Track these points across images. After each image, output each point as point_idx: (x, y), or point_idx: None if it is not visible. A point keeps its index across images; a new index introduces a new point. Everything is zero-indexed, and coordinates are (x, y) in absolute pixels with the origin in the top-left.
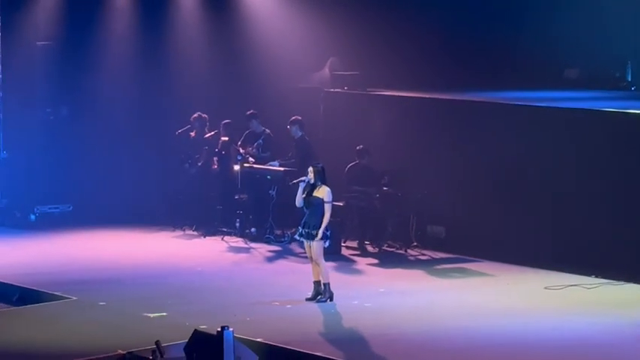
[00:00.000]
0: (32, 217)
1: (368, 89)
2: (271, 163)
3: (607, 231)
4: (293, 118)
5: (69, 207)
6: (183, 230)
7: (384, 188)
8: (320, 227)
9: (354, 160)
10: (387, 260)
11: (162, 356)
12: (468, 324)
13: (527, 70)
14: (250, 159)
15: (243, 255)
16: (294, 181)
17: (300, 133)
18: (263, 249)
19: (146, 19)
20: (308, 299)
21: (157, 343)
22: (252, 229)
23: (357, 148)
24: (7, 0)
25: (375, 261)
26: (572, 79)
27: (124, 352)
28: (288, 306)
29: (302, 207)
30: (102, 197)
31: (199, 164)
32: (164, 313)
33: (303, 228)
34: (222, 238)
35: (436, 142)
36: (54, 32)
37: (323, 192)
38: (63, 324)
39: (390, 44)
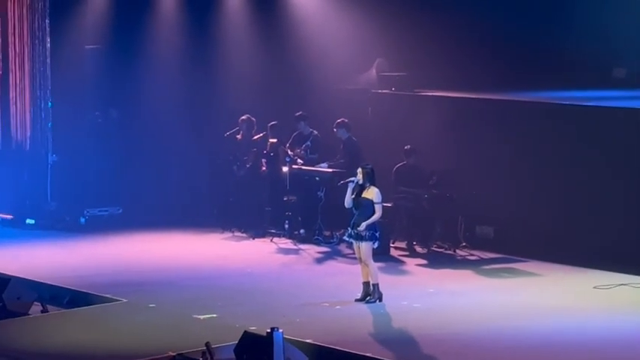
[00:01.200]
0: (82, 220)
1: (415, 90)
2: (320, 165)
3: None
4: (339, 120)
5: (118, 210)
6: (232, 232)
7: (433, 190)
8: (370, 229)
9: (402, 160)
10: (435, 261)
11: (212, 358)
12: (516, 324)
13: (575, 69)
14: (299, 160)
15: (292, 256)
16: (343, 182)
17: (347, 135)
18: (312, 250)
19: (193, 21)
20: (357, 300)
21: (207, 344)
22: (301, 231)
23: (405, 148)
24: (55, 4)
25: (424, 261)
26: (621, 78)
27: (174, 354)
28: (338, 307)
29: (351, 208)
30: (151, 200)
31: (248, 166)
32: (214, 315)
33: (352, 229)
34: (271, 240)
35: (484, 142)
36: (102, 36)
37: (372, 193)
38: (113, 326)
39: (438, 44)
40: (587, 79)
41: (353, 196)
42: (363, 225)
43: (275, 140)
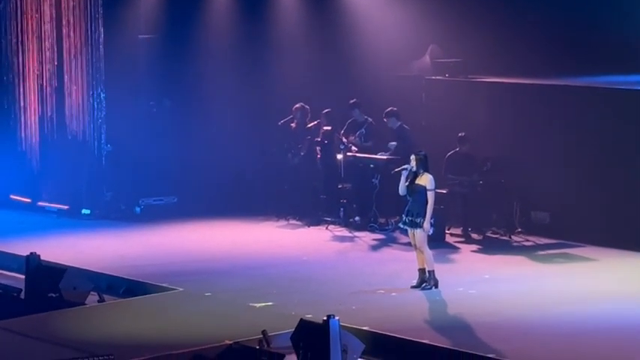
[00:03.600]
0: (137, 209)
1: (469, 76)
2: (381, 154)
3: None
4: (388, 109)
5: (174, 199)
6: (288, 220)
7: (487, 176)
8: (424, 216)
9: (455, 147)
10: (491, 247)
11: (268, 346)
12: (573, 310)
13: (633, 53)
14: (353, 148)
15: (347, 244)
16: (397, 169)
17: (398, 124)
18: (367, 237)
19: (246, 10)
20: (413, 287)
21: (264, 332)
22: (356, 218)
23: (459, 135)
24: None
25: (479, 248)
26: None
27: (231, 342)
28: (394, 294)
29: (405, 195)
30: (206, 188)
31: (302, 154)
32: (270, 303)
33: (406, 216)
34: (327, 228)
35: (538, 127)
36: (155, 25)
37: (426, 180)
38: (170, 315)
39: (491, 30)
40: None
41: (407, 183)
42: (427, 225)
43: (329, 128)
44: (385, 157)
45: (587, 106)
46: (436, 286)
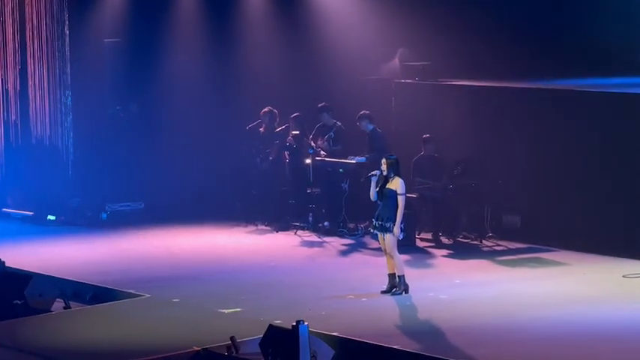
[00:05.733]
0: (104, 215)
1: (439, 79)
2: (358, 159)
3: None
4: (361, 112)
5: (140, 205)
6: (256, 225)
7: (458, 180)
8: (394, 220)
9: (421, 151)
10: (462, 251)
11: (237, 352)
12: (544, 314)
13: (599, 56)
14: (322, 152)
15: (316, 249)
16: (365, 177)
17: (371, 127)
18: (336, 242)
19: (213, 13)
20: (383, 292)
21: (232, 338)
22: (326, 223)
23: (423, 137)
24: None
25: (450, 252)
26: None
27: (199, 349)
28: (364, 299)
29: (376, 200)
30: (173, 194)
31: (270, 159)
32: (238, 309)
33: (376, 220)
34: (295, 233)
35: (509, 130)
36: (122, 29)
37: (396, 184)
38: (137, 321)
39: (460, 33)
40: (613, 65)
41: (377, 188)
42: (397, 230)
43: (297, 132)
44: (354, 162)
45: (558, 109)
46: (406, 291)
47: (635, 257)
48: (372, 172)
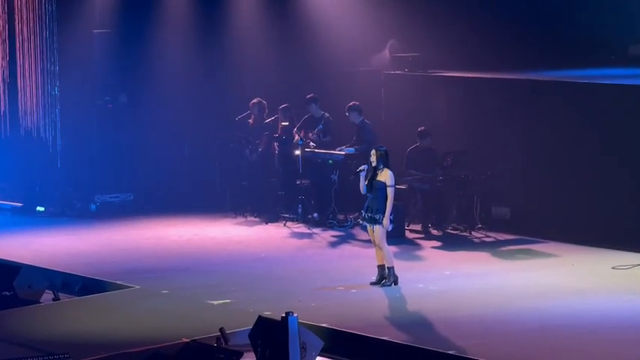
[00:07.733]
0: (93, 206)
1: (429, 70)
2: (347, 150)
3: None
4: (350, 104)
5: (129, 196)
6: (245, 217)
7: (448, 171)
8: (383, 212)
9: (416, 142)
10: (451, 243)
11: (226, 343)
12: (533, 305)
13: (590, 47)
14: (311, 144)
15: (306, 240)
16: (354, 174)
17: (360, 118)
18: (326, 234)
19: (203, 3)
20: (372, 283)
21: (221, 330)
22: (315, 215)
23: (419, 129)
24: None
25: (440, 244)
26: (638, 55)
27: (188, 340)
28: (353, 291)
29: (366, 193)
30: (162, 185)
31: (260, 150)
32: (228, 300)
33: (366, 212)
34: (285, 224)
35: (499, 122)
36: (111, 20)
37: (386, 175)
38: (126, 313)
39: (450, 24)
40: (604, 56)
41: (366, 181)
42: (386, 222)
43: (287, 123)
44: (344, 153)
45: (548, 101)
46: (396, 283)
47: (624, 249)
48: (360, 168)
